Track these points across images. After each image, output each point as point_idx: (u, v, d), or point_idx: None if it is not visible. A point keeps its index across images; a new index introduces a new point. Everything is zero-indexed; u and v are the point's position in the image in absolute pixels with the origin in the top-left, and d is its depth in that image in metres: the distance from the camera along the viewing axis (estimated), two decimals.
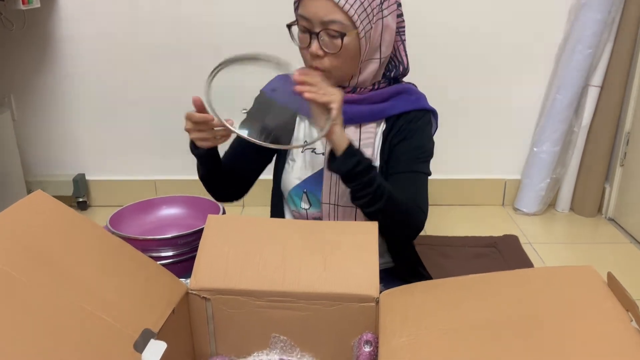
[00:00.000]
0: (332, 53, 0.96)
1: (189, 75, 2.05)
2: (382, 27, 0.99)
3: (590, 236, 2.04)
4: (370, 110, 1.04)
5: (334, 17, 0.93)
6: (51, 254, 0.76)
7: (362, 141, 1.04)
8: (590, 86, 2.03)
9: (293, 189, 1.12)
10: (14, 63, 2.03)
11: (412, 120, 1.05)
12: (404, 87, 1.07)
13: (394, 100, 1.05)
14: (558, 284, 0.71)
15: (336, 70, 0.99)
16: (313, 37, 0.96)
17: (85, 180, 2.16)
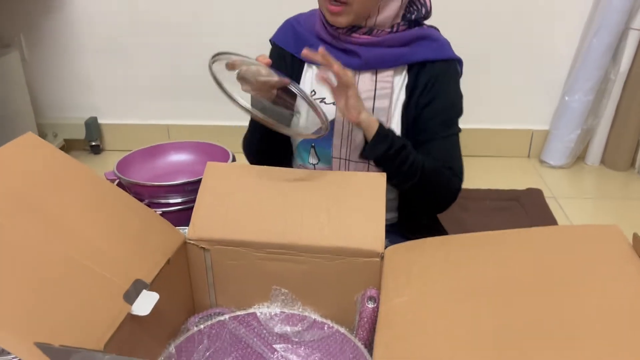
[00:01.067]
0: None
1: (200, 14, 1.97)
2: None
3: (620, 191, 1.95)
4: (389, 54, 0.96)
5: None
6: (39, 199, 0.73)
7: (377, 91, 0.97)
8: (631, 29, 1.89)
9: (301, 142, 1.06)
10: (22, 2, 1.97)
11: (438, 75, 0.97)
12: (426, 31, 0.98)
13: (415, 46, 0.97)
14: (579, 244, 0.66)
15: (356, 4, 0.91)
16: None
17: (97, 123, 2.14)
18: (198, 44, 2.01)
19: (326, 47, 0.99)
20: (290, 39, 1.06)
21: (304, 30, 1.04)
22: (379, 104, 0.97)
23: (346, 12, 0.92)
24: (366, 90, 0.98)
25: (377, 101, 0.97)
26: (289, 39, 1.06)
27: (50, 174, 0.79)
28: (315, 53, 0.85)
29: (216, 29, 1.99)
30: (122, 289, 0.69)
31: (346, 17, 0.93)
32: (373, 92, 0.98)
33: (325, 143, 1.03)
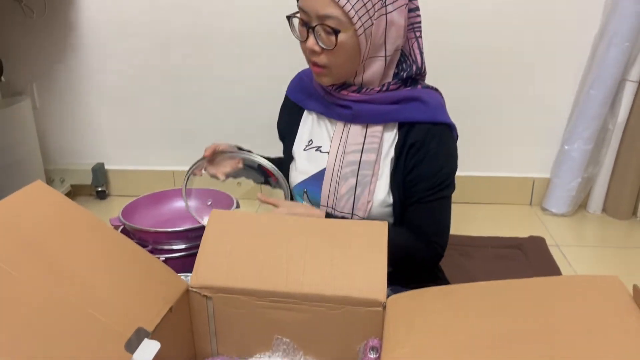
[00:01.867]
0: (329, 49, 0.92)
1: (208, 64, 2.03)
2: (386, 23, 0.93)
3: (623, 240, 1.94)
4: (378, 110, 0.98)
5: (330, 11, 0.88)
6: (46, 246, 0.74)
7: (366, 145, 0.99)
8: (627, 81, 1.93)
9: (295, 186, 1.10)
10: (36, 51, 2.04)
11: (426, 138, 0.97)
12: (418, 92, 0.99)
13: (405, 105, 0.98)
14: (580, 295, 0.66)
15: (335, 67, 0.95)
16: (310, 32, 0.92)
17: (104, 169, 2.16)
18: (203, 93, 2.07)
19: (321, 99, 1.05)
20: (296, 89, 1.12)
21: (308, 81, 1.09)
22: (366, 157, 0.99)
23: (327, 74, 0.97)
24: (355, 143, 1.00)
25: (364, 154, 0.99)
26: (295, 89, 1.13)
27: (57, 221, 0.80)
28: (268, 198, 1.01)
29: (221, 80, 2.04)
30: (124, 337, 0.69)
31: (328, 78, 0.97)
32: (362, 145, 1.00)
33: (316, 190, 1.06)
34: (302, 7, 0.92)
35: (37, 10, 1.94)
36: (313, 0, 0.89)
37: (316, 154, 1.07)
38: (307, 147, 1.08)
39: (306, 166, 1.07)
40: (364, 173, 1.00)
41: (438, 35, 1.91)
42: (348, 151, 1.01)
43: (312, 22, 0.91)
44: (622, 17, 1.82)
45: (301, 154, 1.09)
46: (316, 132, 1.08)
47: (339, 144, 1.02)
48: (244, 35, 1.97)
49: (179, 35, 1.98)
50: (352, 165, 1.00)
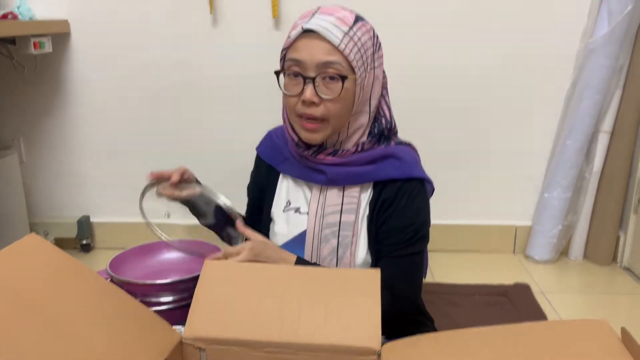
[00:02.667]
0: (329, 99, 0.91)
1: (196, 117, 2.07)
2: (374, 78, 0.96)
3: (605, 286, 1.98)
4: (353, 172, 0.98)
5: (333, 58, 0.89)
6: (40, 299, 0.74)
7: (344, 205, 0.99)
8: (600, 132, 2.01)
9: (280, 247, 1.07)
10: (24, 106, 2.06)
11: (397, 194, 0.97)
12: (392, 150, 0.99)
13: (379, 164, 0.98)
14: (570, 340, 0.67)
15: (333, 118, 0.93)
16: (307, 82, 0.91)
17: (89, 222, 2.15)
18: (190, 146, 2.10)
19: (296, 163, 1.04)
20: (268, 150, 1.11)
21: (280, 143, 1.08)
22: (345, 218, 0.99)
23: (322, 129, 0.94)
24: (333, 205, 1.00)
25: (343, 215, 0.99)
26: (267, 150, 1.11)
27: (52, 274, 0.80)
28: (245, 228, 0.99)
29: (209, 132, 2.08)
30: None
31: (322, 134, 0.95)
32: (340, 206, 0.99)
33: (299, 252, 1.03)
34: (297, 58, 0.91)
35: (28, 66, 1.97)
36: (315, 49, 0.89)
37: (295, 215, 1.05)
38: (285, 208, 1.07)
39: (285, 229, 1.05)
40: (345, 234, 0.99)
41: (422, 87, 1.99)
42: (327, 212, 1.00)
43: (310, 73, 0.90)
44: (592, 71, 1.92)
45: (280, 216, 1.07)
46: (293, 194, 1.06)
47: (317, 206, 1.01)
48: (233, 87, 2.02)
49: (167, 89, 2.03)
50: (333, 226, 0.99)
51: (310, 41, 0.90)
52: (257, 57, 1.99)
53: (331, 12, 0.91)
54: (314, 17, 0.91)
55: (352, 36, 0.90)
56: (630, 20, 1.86)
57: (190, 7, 1.94)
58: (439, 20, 1.94)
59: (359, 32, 0.91)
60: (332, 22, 0.89)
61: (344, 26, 0.90)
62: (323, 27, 0.89)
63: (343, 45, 0.89)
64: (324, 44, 0.89)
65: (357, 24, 0.92)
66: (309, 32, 0.89)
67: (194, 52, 1.99)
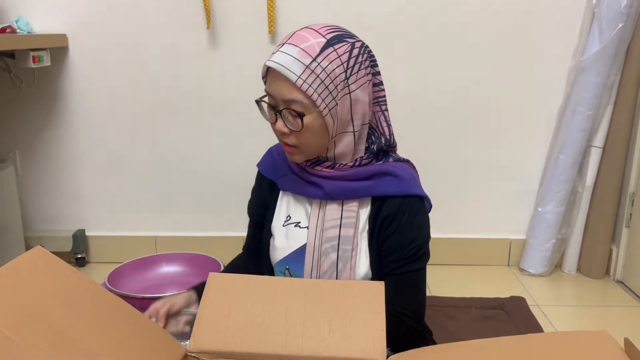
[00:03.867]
0: (296, 131, 0.94)
1: (191, 133, 2.07)
2: (351, 101, 0.95)
3: (599, 299, 1.99)
4: (350, 187, 0.99)
5: (294, 96, 0.91)
6: (47, 312, 0.74)
7: (343, 219, 1.00)
8: (592, 147, 2.04)
9: (277, 263, 1.08)
10: (21, 120, 2.06)
11: (397, 212, 0.98)
12: (390, 167, 1.00)
13: (377, 180, 0.99)
14: (574, 350, 0.68)
15: (305, 146, 0.97)
16: (278, 115, 0.95)
17: (84, 236, 2.14)
18: (185, 160, 2.10)
19: (294, 178, 1.05)
20: (269, 167, 1.12)
21: (280, 159, 1.10)
22: (345, 232, 0.99)
23: (298, 152, 0.98)
24: (333, 219, 1.00)
25: (342, 229, 1.00)
26: (268, 166, 1.12)
27: (58, 287, 0.80)
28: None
29: (203, 147, 2.09)
30: None
31: (299, 156, 0.99)
32: (339, 220, 1.00)
33: (299, 266, 1.04)
34: (269, 91, 0.95)
35: (26, 80, 1.98)
36: (278, 86, 0.92)
37: (295, 229, 1.05)
38: (285, 222, 1.07)
39: (285, 243, 1.06)
40: (344, 248, 0.99)
41: (415, 101, 2.01)
42: (327, 227, 1.00)
43: (279, 106, 0.94)
44: (584, 88, 1.95)
45: (280, 230, 1.07)
46: (294, 208, 1.07)
47: (317, 220, 1.02)
48: (230, 102, 2.03)
49: (164, 104, 2.04)
50: (332, 240, 1.00)
51: (274, 77, 0.93)
52: (254, 72, 2.00)
53: (298, 42, 0.92)
54: (279, 50, 0.92)
55: (314, 69, 0.90)
56: (621, 38, 1.90)
57: (187, 22, 1.95)
58: (431, 35, 1.97)
59: (324, 62, 0.90)
60: (294, 56, 0.90)
61: (306, 59, 0.90)
62: (282, 63, 0.90)
63: (301, 81, 0.90)
64: (284, 81, 0.91)
65: (324, 52, 0.90)
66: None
67: (191, 67, 2.00)
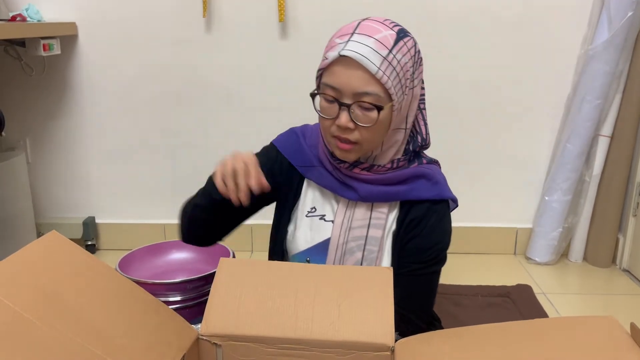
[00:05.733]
0: (365, 126, 0.89)
1: (199, 121, 2.08)
2: (412, 97, 0.93)
3: (605, 287, 2.00)
4: (385, 192, 0.98)
5: (370, 88, 0.86)
6: (63, 296, 0.76)
7: (372, 220, 0.99)
8: (600, 136, 2.04)
9: (298, 254, 1.05)
10: (32, 108, 2.07)
11: (424, 215, 0.97)
12: (424, 170, 0.99)
13: (412, 184, 0.98)
14: (579, 335, 0.70)
15: (366, 142, 0.92)
16: (342, 109, 0.88)
17: (95, 223, 2.16)
18: (195, 148, 2.12)
19: (326, 174, 1.00)
20: (291, 150, 1.04)
21: (308, 148, 1.03)
22: (373, 233, 0.99)
23: (356, 150, 0.93)
24: (361, 218, 0.99)
25: (371, 229, 0.99)
26: (293, 150, 1.04)
27: (73, 271, 0.82)
28: None
29: (213, 134, 2.10)
30: None
31: (355, 154, 0.94)
32: (368, 220, 0.99)
33: (320, 260, 1.02)
34: (333, 84, 0.88)
35: (37, 69, 1.99)
36: (350, 78, 0.86)
37: (320, 222, 1.02)
38: (309, 213, 1.03)
39: (309, 235, 1.03)
40: (371, 249, 0.99)
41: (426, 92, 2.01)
42: (354, 226, 0.99)
43: (346, 100, 0.88)
44: (593, 77, 1.95)
45: (303, 220, 1.04)
46: (320, 200, 1.03)
47: (343, 217, 1.00)
48: (238, 91, 2.04)
49: (174, 92, 2.05)
50: (359, 240, 0.99)
51: (346, 68, 0.86)
52: (264, 61, 2.01)
53: (371, 33, 0.87)
54: (352, 40, 0.86)
55: (390, 61, 0.86)
56: (630, 26, 1.89)
57: (197, 11, 1.96)
58: (439, 25, 1.97)
59: (398, 55, 0.87)
60: (371, 47, 0.85)
61: (383, 50, 0.86)
62: (360, 53, 0.85)
63: (381, 73, 0.85)
64: (361, 72, 0.85)
65: (398, 45, 0.87)
66: (345, 56, 0.85)
67: (201, 56, 2.01)
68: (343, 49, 0.86)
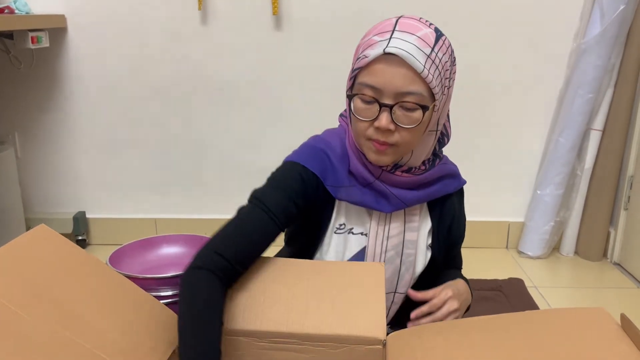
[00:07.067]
0: (406, 127, 0.85)
1: (190, 115, 2.07)
2: (447, 98, 0.91)
3: (596, 281, 2.01)
4: (420, 195, 0.97)
5: (414, 88, 0.82)
6: (52, 289, 0.75)
7: (407, 224, 0.98)
8: (592, 130, 2.05)
9: None
10: (20, 101, 2.05)
11: (454, 204, 1.05)
12: (450, 168, 1.03)
13: (440, 184, 1.00)
14: (571, 326, 0.70)
15: (404, 145, 0.88)
16: (383, 110, 0.84)
17: (85, 218, 2.15)
18: (185, 142, 2.10)
19: (356, 191, 0.94)
20: (325, 171, 0.95)
21: (339, 166, 0.95)
22: (409, 237, 0.98)
23: (392, 152, 0.89)
24: (396, 226, 0.97)
25: (406, 234, 0.98)
26: (324, 169, 0.95)
27: (62, 264, 0.81)
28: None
29: (204, 128, 2.09)
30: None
31: (391, 157, 0.90)
32: (403, 225, 0.98)
33: None
34: (373, 84, 0.84)
35: (25, 62, 1.96)
36: (392, 77, 0.82)
37: (349, 236, 0.98)
38: (338, 230, 0.98)
39: (340, 251, 0.98)
40: (408, 252, 0.98)
41: None
42: (392, 235, 0.97)
43: (387, 100, 0.83)
44: (585, 71, 1.95)
45: (332, 238, 0.98)
46: (348, 215, 0.98)
47: (377, 227, 0.97)
48: (230, 84, 2.03)
49: (164, 85, 2.03)
50: (397, 247, 0.97)
51: (389, 66, 0.82)
52: (255, 55, 2.00)
53: (412, 30, 0.84)
54: (394, 37, 0.83)
55: (434, 59, 0.83)
56: (622, 20, 1.89)
57: (188, 3, 1.94)
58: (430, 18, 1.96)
59: (439, 53, 0.84)
60: (415, 44, 0.82)
61: (426, 48, 0.82)
62: (406, 50, 0.81)
63: (426, 71, 0.82)
64: (405, 70, 0.82)
65: (438, 43, 0.85)
66: (388, 54, 0.82)
67: (191, 49, 1.99)
68: (388, 46, 0.82)
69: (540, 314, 0.77)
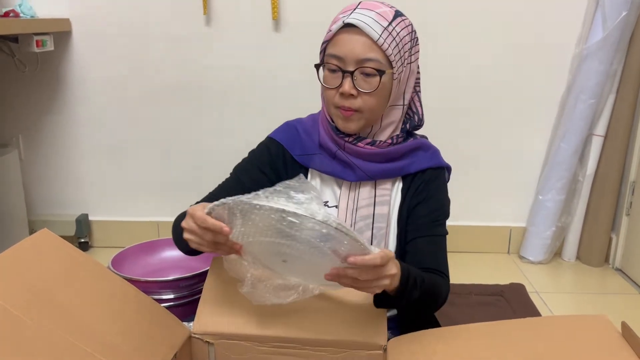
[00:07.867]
0: (367, 92, 0.94)
1: (193, 119, 2.08)
2: (409, 72, 0.99)
3: (597, 286, 2.01)
4: (388, 168, 1.02)
5: (371, 55, 0.92)
6: (54, 293, 0.75)
7: (377, 198, 1.01)
8: (594, 135, 2.05)
9: None
10: (24, 104, 2.06)
11: (429, 180, 1.03)
12: (420, 142, 1.05)
13: (411, 157, 1.03)
14: (572, 333, 0.70)
15: (367, 111, 0.96)
16: (346, 76, 0.94)
17: (88, 220, 2.15)
18: (189, 145, 2.11)
19: (326, 160, 1.02)
20: (294, 142, 1.05)
21: (307, 137, 1.05)
22: (379, 211, 1.01)
23: (357, 118, 0.97)
24: (366, 197, 1.01)
25: (377, 207, 1.01)
26: (292, 141, 1.06)
27: (65, 268, 0.82)
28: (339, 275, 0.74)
29: (207, 131, 2.09)
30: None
31: (357, 123, 0.97)
32: (373, 199, 1.01)
33: None
34: (336, 53, 0.94)
35: (30, 65, 1.97)
36: (353, 45, 0.92)
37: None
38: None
39: None
40: (379, 226, 1.01)
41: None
42: (360, 206, 1.01)
43: (348, 67, 0.93)
44: (587, 76, 1.95)
45: None
46: (321, 188, 1.05)
47: (347, 200, 1.02)
48: (231, 88, 2.03)
49: (167, 88, 2.04)
50: (366, 219, 1.01)
51: (350, 36, 0.93)
52: (257, 57, 2.01)
53: (372, 8, 0.95)
54: (355, 12, 0.94)
55: (390, 31, 0.93)
56: (625, 26, 1.89)
57: (190, 8, 1.95)
58: (432, 24, 1.96)
59: (397, 28, 0.94)
60: (373, 17, 0.93)
61: (384, 21, 0.93)
62: (363, 21, 0.92)
63: (382, 39, 0.92)
64: (364, 38, 0.92)
65: (397, 20, 0.95)
66: (349, 26, 0.93)
67: (194, 53, 2.00)
68: (347, 18, 0.93)
69: (541, 320, 0.77)
